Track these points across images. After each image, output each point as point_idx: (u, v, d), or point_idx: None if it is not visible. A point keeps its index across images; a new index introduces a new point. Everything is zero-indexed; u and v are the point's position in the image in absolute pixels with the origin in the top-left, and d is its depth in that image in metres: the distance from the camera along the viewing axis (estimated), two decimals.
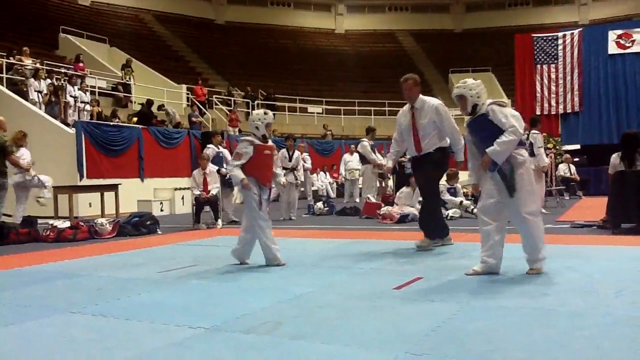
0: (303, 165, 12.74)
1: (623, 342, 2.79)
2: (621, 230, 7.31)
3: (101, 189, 11.23)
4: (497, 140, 4.42)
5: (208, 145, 12.04)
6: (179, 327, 3.28)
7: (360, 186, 13.37)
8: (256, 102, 23.63)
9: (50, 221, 8.69)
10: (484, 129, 4.58)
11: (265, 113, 5.56)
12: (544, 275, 4.54)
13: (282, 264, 5.36)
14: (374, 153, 11.59)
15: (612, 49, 17.20)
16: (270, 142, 5.64)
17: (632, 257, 5.35)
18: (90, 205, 11.86)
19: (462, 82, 4.75)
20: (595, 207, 10.03)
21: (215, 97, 22.45)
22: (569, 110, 17.53)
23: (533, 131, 10.73)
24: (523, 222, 4.45)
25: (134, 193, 13.05)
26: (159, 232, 9.08)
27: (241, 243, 5.51)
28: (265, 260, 5.43)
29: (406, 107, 6.35)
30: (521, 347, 2.75)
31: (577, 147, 16.79)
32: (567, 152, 16.28)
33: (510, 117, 4.48)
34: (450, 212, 10.10)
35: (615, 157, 7.72)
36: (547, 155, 10.77)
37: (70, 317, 3.63)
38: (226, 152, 11.83)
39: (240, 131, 20.29)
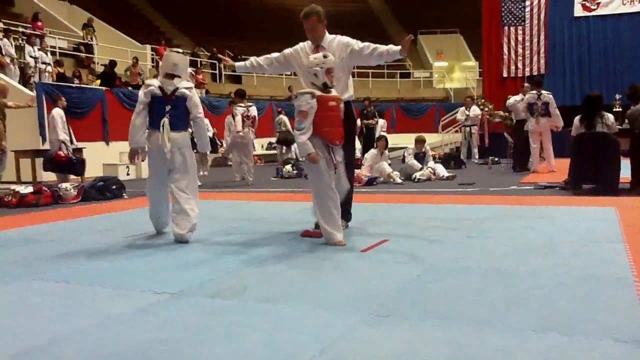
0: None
1: (577, 300, 2.88)
2: (582, 190, 7.50)
3: None
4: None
5: None
6: (144, 293, 3.27)
7: None
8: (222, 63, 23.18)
9: (12, 186, 8.49)
10: None
11: (325, 56, 4.53)
12: (506, 235, 4.65)
13: (342, 244, 4.43)
14: None
15: (578, 11, 17.27)
16: (334, 92, 4.60)
17: (590, 217, 5.51)
18: None
19: None
20: (558, 168, 10.24)
21: None
22: (535, 73, 17.61)
23: (544, 92, 10.61)
24: None
25: (99, 157, 12.81)
26: (125, 197, 8.96)
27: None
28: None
29: (306, 44, 5.05)
30: (481, 307, 2.81)
31: None
32: None
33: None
34: (418, 174, 10.20)
35: (577, 120, 7.83)
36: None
37: (31, 284, 3.57)
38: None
39: (207, 92, 19.93)
